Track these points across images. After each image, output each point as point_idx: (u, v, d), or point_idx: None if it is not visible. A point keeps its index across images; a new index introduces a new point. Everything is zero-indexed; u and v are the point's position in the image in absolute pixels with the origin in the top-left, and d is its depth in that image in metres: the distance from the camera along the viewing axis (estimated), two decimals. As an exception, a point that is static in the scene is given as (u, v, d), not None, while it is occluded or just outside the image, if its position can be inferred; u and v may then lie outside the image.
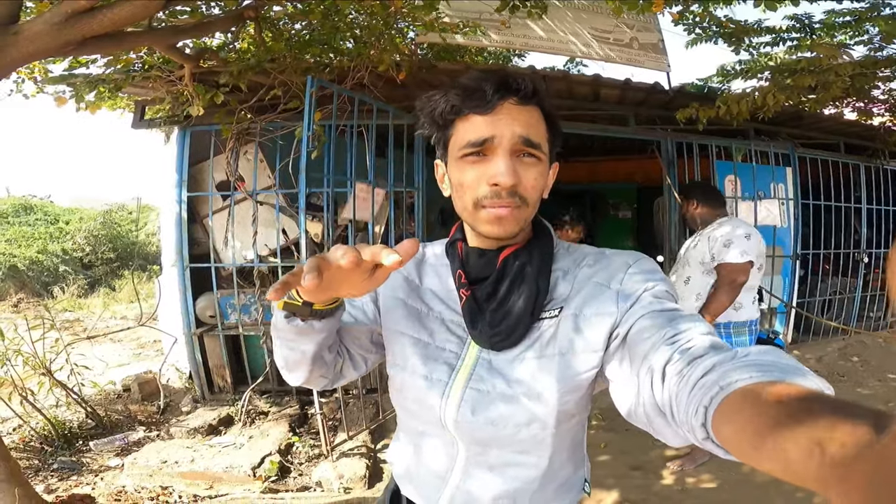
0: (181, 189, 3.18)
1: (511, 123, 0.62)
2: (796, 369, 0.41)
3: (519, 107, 0.63)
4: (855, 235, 4.71)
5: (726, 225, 2.33)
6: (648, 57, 3.70)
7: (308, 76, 2.32)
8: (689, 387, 0.46)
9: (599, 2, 3.59)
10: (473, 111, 0.63)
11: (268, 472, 2.50)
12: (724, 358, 0.46)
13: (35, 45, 1.41)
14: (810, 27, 3.11)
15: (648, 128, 3.98)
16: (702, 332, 0.54)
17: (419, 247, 0.53)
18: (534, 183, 0.65)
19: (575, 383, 0.66)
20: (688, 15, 3.01)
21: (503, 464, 0.71)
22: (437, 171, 0.75)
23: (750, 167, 4.03)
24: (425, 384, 0.71)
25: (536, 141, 0.64)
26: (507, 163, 0.62)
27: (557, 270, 0.71)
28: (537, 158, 0.65)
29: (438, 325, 0.72)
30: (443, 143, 0.69)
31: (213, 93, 2.53)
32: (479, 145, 0.63)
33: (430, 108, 0.67)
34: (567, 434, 0.72)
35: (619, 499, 2.32)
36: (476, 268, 0.71)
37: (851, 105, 4.08)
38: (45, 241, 8.57)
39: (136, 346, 5.12)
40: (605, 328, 0.64)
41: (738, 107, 3.19)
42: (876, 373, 3.87)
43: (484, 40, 3.32)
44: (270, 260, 3.31)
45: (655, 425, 0.53)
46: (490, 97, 0.62)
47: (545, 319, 0.67)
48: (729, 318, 2.34)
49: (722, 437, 0.39)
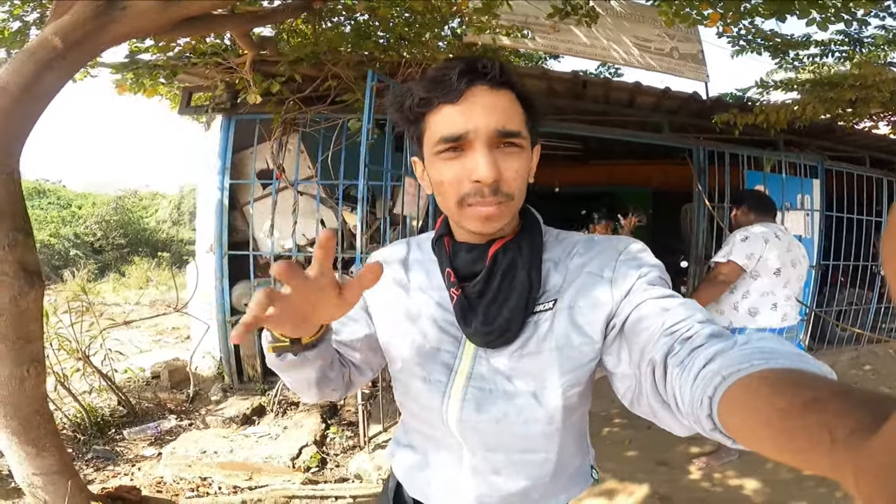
0: (224, 176, 3.18)
1: (485, 114, 0.58)
2: (798, 356, 0.40)
3: (490, 92, 0.59)
4: (873, 249, 4.77)
5: (744, 228, 2.35)
6: (688, 67, 3.73)
7: (368, 70, 2.32)
8: (692, 377, 0.45)
9: (643, 11, 3.61)
10: (442, 101, 0.59)
11: (308, 463, 2.51)
12: (724, 346, 0.46)
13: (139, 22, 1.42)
14: (859, 41, 3.13)
15: (681, 135, 4.01)
16: (700, 320, 0.53)
17: (381, 270, 0.50)
18: (516, 174, 0.61)
19: (576, 376, 0.65)
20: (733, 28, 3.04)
21: (511, 466, 0.69)
22: (416, 168, 0.70)
23: (779, 178, 4.07)
24: (425, 386, 0.69)
25: (514, 129, 0.60)
26: (486, 157, 0.58)
27: (548, 261, 0.68)
28: (518, 147, 0.61)
29: (431, 326, 0.70)
30: (416, 139, 0.65)
31: (270, 82, 2.54)
32: (455, 140, 0.59)
33: (398, 102, 0.64)
34: (573, 427, 0.71)
35: (650, 492, 2.35)
36: (465, 264, 0.68)
37: (887, 119, 4.12)
38: (58, 225, 8.54)
39: (154, 333, 5.10)
40: (601, 319, 0.62)
41: (776, 115, 3.22)
42: (887, 381, 3.92)
43: (529, 43, 3.34)
44: (308, 250, 3.31)
45: (660, 416, 0.53)
46: (457, 84, 0.58)
47: (540, 313, 0.65)
48: (744, 323, 2.35)
49: (730, 427, 0.39)
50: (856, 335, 4.47)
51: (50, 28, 1.54)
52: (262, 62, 2.67)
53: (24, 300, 1.35)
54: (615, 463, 2.59)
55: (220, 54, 2.54)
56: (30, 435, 1.40)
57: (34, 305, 1.39)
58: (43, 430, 1.44)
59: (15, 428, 1.38)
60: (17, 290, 1.34)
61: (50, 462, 1.46)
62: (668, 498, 2.31)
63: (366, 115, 2.29)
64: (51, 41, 1.52)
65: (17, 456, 1.43)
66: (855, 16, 2.40)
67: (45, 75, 1.49)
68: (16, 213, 1.40)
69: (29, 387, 1.36)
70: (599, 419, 3.04)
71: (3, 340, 1.32)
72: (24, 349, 1.35)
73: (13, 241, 1.35)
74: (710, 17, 2.58)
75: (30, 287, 1.37)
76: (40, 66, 1.48)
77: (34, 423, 1.40)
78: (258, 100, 2.56)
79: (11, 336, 1.32)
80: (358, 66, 2.68)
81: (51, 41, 1.52)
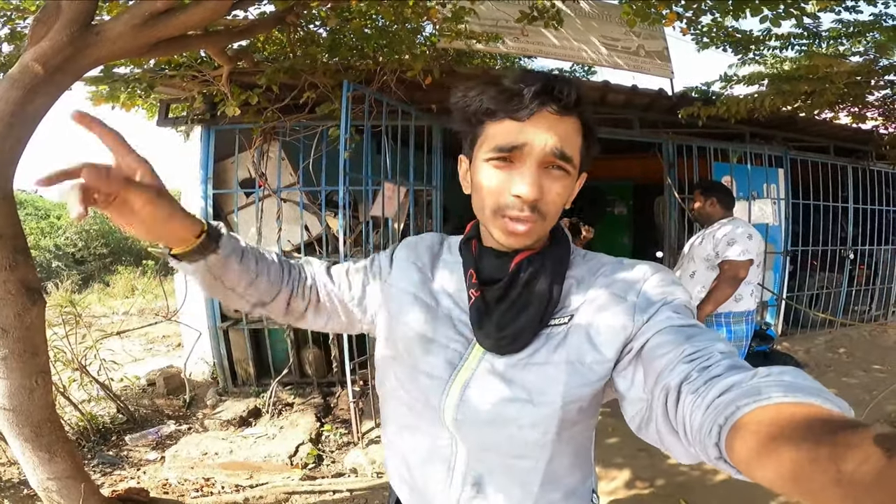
0: (206, 186, 3.24)
1: (545, 134, 0.59)
2: (818, 391, 0.40)
3: (557, 116, 0.60)
4: (842, 233, 4.99)
5: (728, 225, 2.52)
6: (654, 64, 3.88)
7: (344, 80, 2.42)
8: (705, 406, 0.45)
9: (610, 10, 3.75)
10: (509, 116, 0.60)
11: (305, 459, 2.62)
12: (743, 378, 0.45)
13: (116, 46, 1.48)
14: (817, 34, 3.31)
15: (652, 130, 4.18)
16: (721, 351, 0.52)
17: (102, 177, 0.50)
18: (556, 198, 0.62)
19: (580, 392, 0.64)
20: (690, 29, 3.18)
21: (501, 468, 0.69)
22: (461, 166, 0.71)
23: (745, 168, 4.28)
24: (426, 380, 0.69)
25: (569, 154, 0.61)
26: (533, 175, 0.60)
27: (571, 278, 0.68)
28: (566, 172, 0.62)
29: (445, 322, 0.70)
30: (470, 140, 0.66)
31: (248, 94, 2.61)
32: (509, 151, 0.60)
33: (463, 104, 0.64)
34: (571, 440, 0.69)
35: (631, 476, 2.49)
36: (488, 269, 0.69)
37: (846, 109, 4.33)
38: (37, 237, 8.43)
39: (145, 342, 5.13)
40: (619, 340, 0.62)
41: (736, 107, 3.39)
42: (861, 364, 4.09)
43: (502, 47, 3.46)
44: (294, 255, 3.40)
45: (667, 443, 0.52)
46: (528, 103, 0.58)
47: (554, 326, 0.65)
48: (729, 308, 2.54)
49: (736, 457, 0.39)
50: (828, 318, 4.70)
51: (29, 54, 1.58)
52: (240, 73, 2.74)
53: (28, 316, 1.43)
54: (597, 450, 2.73)
55: (195, 67, 2.60)
56: (42, 441, 1.49)
57: (38, 320, 1.48)
58: (54, 436, 1.52)
59: (27, 435, 1.47)
60: (21, 307, 1.42)
61: (63, 467, 1.55)
62: (650, 482, 2.43)
63: (343, 125, 2.38)
64: (32, 68, 1.55)
65: (32, 462, 1.52)
66: (804, 11, 2.54)
67: (30, 100, 1.52)
68: (15, 235, 1.47)
69: (38, 396, 1.45)
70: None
71: (12, 355, 1.40)
72: (31, 362, 1.44)
73: (14, 262, 1.43)
74: (667, 16, 2.70)
75: (32, 303, 1.45)
76: (25, 92, 1.51)
77: (45, 429, 1.49)
78: (237, 112, 2.64)
79: (19, 350, 1.40)
80: (335, 75, 2.77)
81: (32, 68, 1.55)
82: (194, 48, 2.16)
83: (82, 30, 1.56)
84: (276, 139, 3.25)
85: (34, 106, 1.61)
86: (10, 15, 2.59)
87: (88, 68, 1.65)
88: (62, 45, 1.57)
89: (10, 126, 1.55)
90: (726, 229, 2.49)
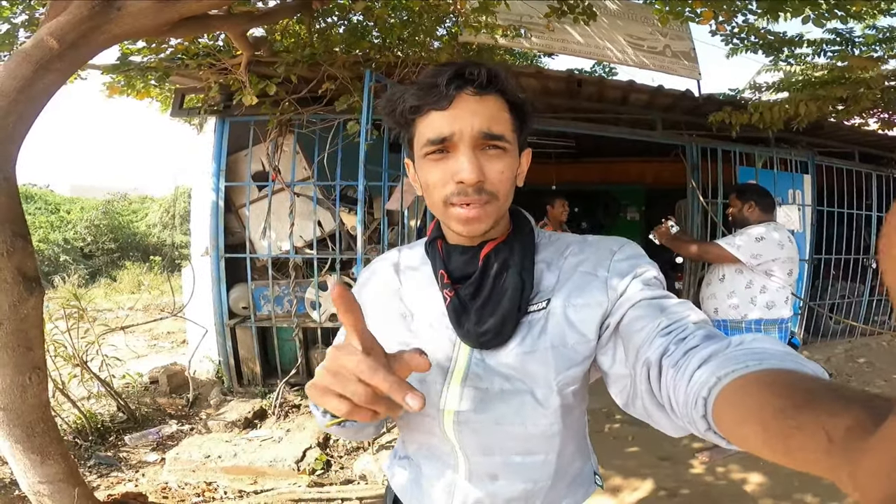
0: (219, 178, 3.15)
1: (469, 117, 0.60)
2: (792, 356, 0.41)
3: (477, 97, 0.61)
4: (864, 242, 4.85)
5: (761, 227, 2.37)
6: (680, 64, 3.76)
7: (366, 71, 2.32)
8: (687, 378, 0.45)
9: (636, 10, 3.64)
10: (432, 108, 0.61)
11: (314, 465, 2.50)
12: (719, 348, 0.46)
13: (136, 23, 1.40)
14: (851, 41, 3.18)
15: (674, 132, 4.05)
16: (695, 321, 0.53)
17: (427, 361, 0.50)
18: (500, 176, 0.62)
19: (571, 374, 0.65)
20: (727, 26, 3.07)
21: (509, 469, 0.68)
22: (409, 170, 0.72)
23: (771, 174, 4.13)
24: (420, 388, 0.67)
25: (498, 132, 0.61)
26: (469, 158, 0.60)
27: (541, 262, 0.69)
28: (502, 150, 0.62)
29: (425, 328, 0.70)
30: (408, 142, 0.67)
31: (266, 83, 2.52)
32: (440, 143, 0.61)
33: (390, 108, 0.65)
34: (572, 426, 0.70)
35: (655, 487, 2.37)
36: (458, 266, 0.69)
37: (877, 115, 4.19)
38: (47, 231, 8.41)
39: (149, 338, 5.05)
40: (596, 318, 0.63)
41: (770, 115, 3.25)
42: (882, 374, 3.98)
43: (525, 42, 3.35)
44: (306, 251, 3.30)
45: (654, 417, 0.53)
46: (445, 91, 0.60)
47: (533, 313, 0.66)
48: (761, 315, 2.39)
49: (724, 428, 0.39)
50: (849, 328, 4.53)
51: (45, 29, 1.51)
52: (258, 63, 2.65)
53: (24, 307, 1.33)
54: (619, 459, 2.60)
55: (213, 55, 2.51)
56: (34, 442, 1.38)
57: (34, 312, 1.37)
58: (47, 437, 1.41)
59: (18, 436, 1.35)
60: (17, 297, 1.32)
61: (55, 470, 1.44)
62: (673, 492, 2.32)
63: (364, 116, 2.28)
64: (46, 42, 1.49)
65: (23, 464, 1.41)
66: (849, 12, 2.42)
67: (41, 77, 1.47)
68: (13, 218, 1.37)
69: (31, 394, 1.34)
70: (602, 416, 3.05)
71: (4, 348, 1.30)
72: (25, 356, 1.33)
73: (11, 247, 1.33)
74: (703, 14, 2.60)
75: (29, 293, 1.35)
76: (36, 68, 1.45)
77: (38, 430, 1.38)
78: (254, 101, 2.54)
79: (12, 344, 1.30)
80: (354, 67, 2.67)
81: (46, 42, 1.49)
82: (215, 30, 2.08)
83: (104, 3, 1.47)
84: (292, 132, 3.15)
85: (44, 83, 1.53)
86: (30, 1, 2.53)
87: (104, 46, 1.57)
88: (82, 19, 1.50)
89: (16, 102, 1.47)
90: (759, 230, 2.35)
